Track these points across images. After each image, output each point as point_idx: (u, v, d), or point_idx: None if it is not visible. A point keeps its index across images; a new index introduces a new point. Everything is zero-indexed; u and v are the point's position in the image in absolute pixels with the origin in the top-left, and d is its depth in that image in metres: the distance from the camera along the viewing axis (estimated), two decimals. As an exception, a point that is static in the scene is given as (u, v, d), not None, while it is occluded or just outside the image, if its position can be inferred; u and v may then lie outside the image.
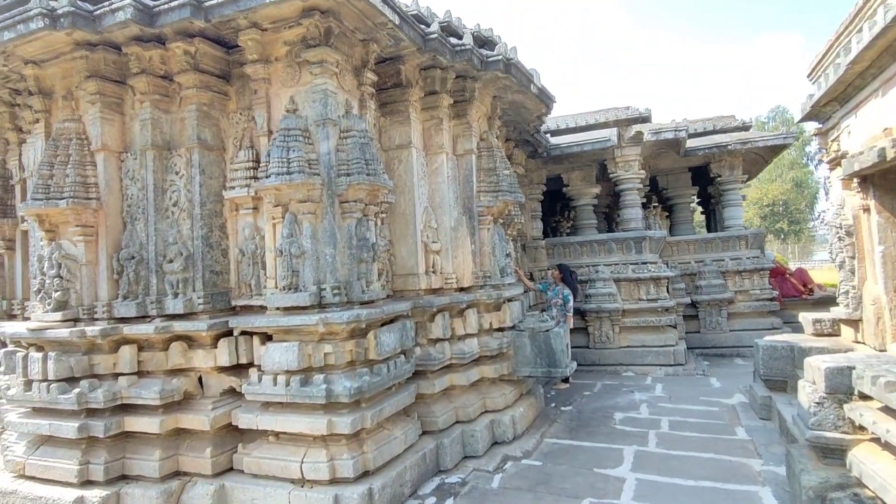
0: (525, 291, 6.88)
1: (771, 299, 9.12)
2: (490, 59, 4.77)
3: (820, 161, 6.22)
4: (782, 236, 36.80)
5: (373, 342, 3.83)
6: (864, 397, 3.26)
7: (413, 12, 4.54)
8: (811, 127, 6.34)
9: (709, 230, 12.93)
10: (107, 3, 3.55)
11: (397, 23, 3.85)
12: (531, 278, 8.79)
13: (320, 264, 3.79)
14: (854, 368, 3.31)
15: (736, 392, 6.42)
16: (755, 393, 5.61)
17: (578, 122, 8.84)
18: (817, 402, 3.47)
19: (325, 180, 3.80)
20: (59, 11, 3.47)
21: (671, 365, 7.82)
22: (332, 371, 3.70)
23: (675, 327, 8.28)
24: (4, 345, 5.14)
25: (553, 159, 8.79)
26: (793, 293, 9.74)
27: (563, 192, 9.57)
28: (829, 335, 5.59)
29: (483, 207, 5.26)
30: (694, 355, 8.66)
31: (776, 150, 9.67)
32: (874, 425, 3.02)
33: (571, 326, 7.08)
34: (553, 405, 6.21)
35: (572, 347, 6.74)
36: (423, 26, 4.29)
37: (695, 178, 10.42)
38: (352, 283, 3.86)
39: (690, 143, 9.28)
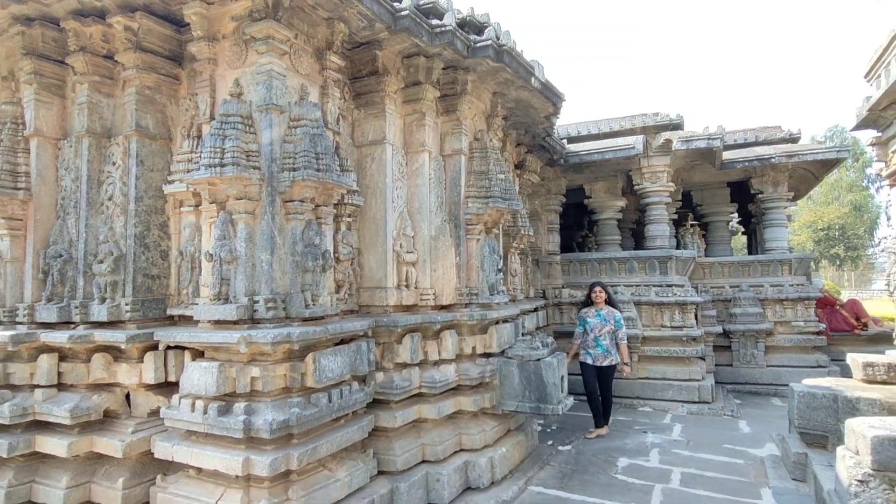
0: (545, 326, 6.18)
1: (817, 333, 8.06)
2: (478, 44, 4.16)
3: (878, 175, 5.30)
4: (838, 262, 34.48)
5: (311, 367, 3.24)
6: (925, 480, 2.46)
7: (390, -9, 4.00)
8: (869, 141, 5.43)
9: (750, 252, 11.85)
10: (25, -35, 3.15)
11: (356, -5, 3.30)
12: (544, 295, 8.08)
13: (255, 272, 3.25)
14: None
15: (768, 441, 5.52)
16: (788, 447, 4.72)
17: (602, 128, 8.09)
18: (860, 481, 2.67)
19: (265, 175, 3.27)
20: (-31, -26, 3.09)
21: (695, 402, 6.92)
22: (259, 399, 3.14)
23: (702, 359, 7.37)
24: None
25: (573, 168, 8.06)
26: (843, 327, 8.61)
27: (585, 203, 8.82)
28: (884, 383, 4.67)
29: (471, 215, 4.62)
30: (724, 391, 7.72)
31: (828, 165, 8.63)
32: (938, 523, 2.23)
33: (627, 361, 6.05)
34: (550, 443, 5.47)
35: (580, 376, 6.00)
36: (395, 3, 3.72)
37: (734, 194, 9.45)
38: (293, 295, 3.30)
39: (729, 155, 8.38)
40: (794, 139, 8.43)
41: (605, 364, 5.87)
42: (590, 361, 5.91)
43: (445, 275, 4.51)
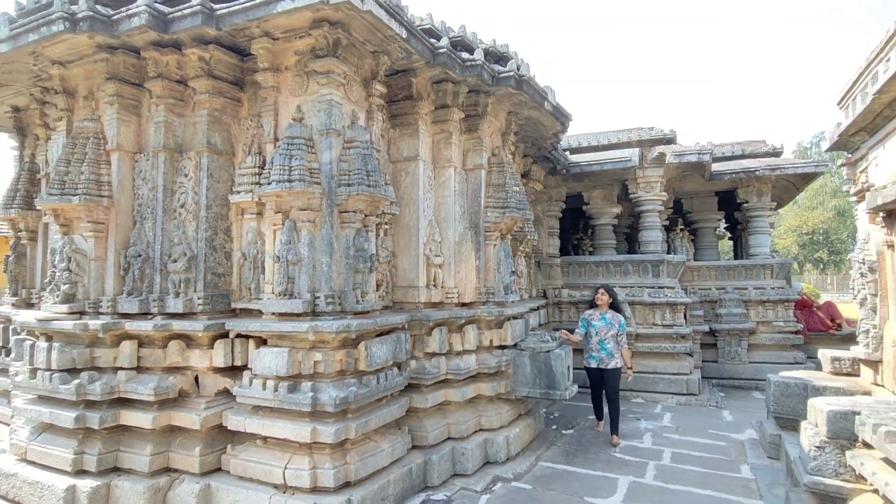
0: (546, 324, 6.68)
1: (795, 332, 8.77)
2: (502, 75, 4.76)
3: (848, 192, 5.99)
4: (821, 266, 35.48)
5: (363, 353, 3.83)
6: (867, 445, 3.09)
7: (426, 26, 4.59)
8: (841, 161, 6.09)
9: (736, 257, 12.55)
10: (124, 8, 3.68)
11: (404, 36, 3.88)
12: (545, 295, 8.69)
13: (316, 272, 3.81)
14: (858, 414, 3.14)
15: (748, 427, 6.17)
16: (765, 430, 5.37)
17: (601, 140, 8.72)
18: (818, 447, 3.30)
19: (325, 189, 3.83)
20: (79, 15, 3.61)
21: (683, 394, 7.58)
22: (320, 379, 3.71)
23: (690, 355, 8.04)
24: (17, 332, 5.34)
25: (573, 177, 8.68)
26: (819, 327, 9.34)
27: (583, 210, 9.45)
28: (848, 375, 5.35)
29: (490, 223, 5.22)
30: (709, 385, 8.39)
31: (808, 177, 9.35)
32: (874, 476, 2.86)
33: (630, 365, 5.97)
34: (554, 427, 6.09)
35: (582, 370, 6.58)
36: (433, 40, 4.30)
37: (722, 202, 10.14)
38: (346, 292, 3.88)
39: (717, 167, 9.05)
40: (776, 153, 9.11)
41: (609, 367, 5.77)
42: (594, 365, 5.84)
43: (467, 276, 5.10)
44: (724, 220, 11.83)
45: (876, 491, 2.93)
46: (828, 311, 9.64)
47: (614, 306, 6.08)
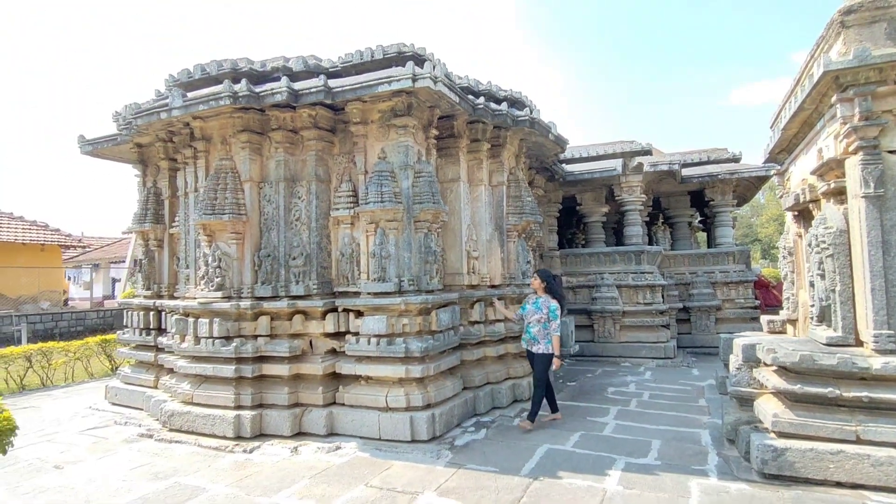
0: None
1: (754, 307, 10.63)
2: (519, 119, 6.51)
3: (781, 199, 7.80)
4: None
5: (434, 318, 5.57)
6: (766, 365, 4.87)
7: (464, 84, 6.31)
8: (774, 171, 7.90)
9: (709, 246, 14.43)
10: (269, 88, 5.38)
11: (457, 101, 5.62)
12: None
13: (400, 263, 5.54)
14: (759, 345, 4.92)
15: (709, 379, 8.00)
16: (718, 375, 7.17)
17: (590, 152, 10.49)
18: (737, 368, 5.09)
19: (405, 206, 5.56)
20: (240, 94, 5.30)
21: (661, 358, 9.41)
22: (407, 336, 5.44)
23: (667, 327, 9.86)
24: (158, 315, 7.02)
25: (569, 183, 10.47)
26: (774, 303, 11.23)
27: (577, 209, 11.23)
28: (779, 333, 7.16)
29: (510, 226, 6.98)
30: (684, 352, 10.23)
31: (763, 179, 11.21)
32: (766, 380, 4.64)
33: (558, 353, 5.59)
34: (561, 380, 7.88)
35: (579, 342, 8.37)
36: (471, 97, 6.04)
37: (694, 200, 11.99)
38: (421, 277, 5.62)
39: (687, 172, 10.88)
40: (736, 159, 10.95)
41: (533, 350, 5.69)
42: (524, 346, 5.91)
43: (495, 265, 6.86)
44: (698, 215, 13.69)
45: (770, 393, 4.71)
46: (782, 290, 11.51)
47: (553, 292, 5.77)
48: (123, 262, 24.71)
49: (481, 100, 6.02)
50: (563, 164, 10.23)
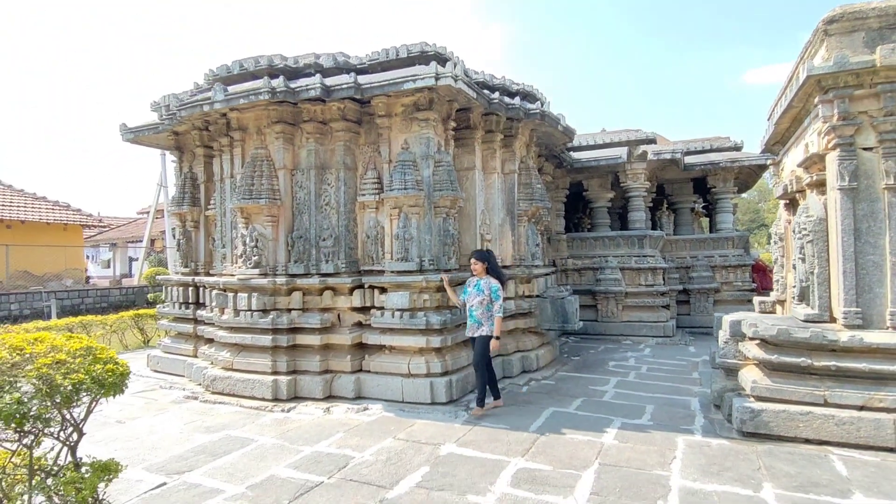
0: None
1: (751, 290, 11.15)
2: (531, 111, 7.00)
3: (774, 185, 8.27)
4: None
5: (451, 294, 6.14)
6: (750, 339, 5.42)
7: (479, 80, 6.79)
8: (770, 161, 8.36)
9: (711, 231, 14.91)
10: (304, 84, 5.89)
11: (475, 97, 6.12)
12: (553, 264, 11.01)
13: (421, 245, 6.10)
14: (744, 320, 5.47)
15: (705, 355, 8.57)
16: (712, 352, 7.74)
17: (597, 140, 10.96)
18: (725, 342, 5.65)
19: (426, 193, 6.10)
20: (278, 90, 5.83)
21: (661, 336, 9.98)
22: (427, 311, 6.03)
23: (667, 308, 10.42)
24: (196, 290, 7.64)
25: (576, 170, 10.95)
26: (770, 286, 11.70)
27: (584, 195, 11.72)
28: (769, 312, 7.70)
29: (521, 211, 7.51)
30: (683, 332, 10.79)
31: (764, 167, 11.62)
32: (748, 351, 5.20)
33: (497, 335, 5.42)
34: (566, 355, 8.48)
35: (584, 321, 8.93)
36: (486, 91, 6.53)
37: (697, 187, 12.44)
38: (439, 257, 6.18)
39: (689, 160, 11.32)
40: (738, 148, 11.38)
41: (475, 335, 5.55)
42: (467, 334, 5.69)
43: (507, 247, 7.41)
44: (701, 201, 14.15)
45: (753, 363, 5.27)
46: (779, 274, 12.01)
47: (494, 271, 5.68)
48: (140, 241, 25.46)
49: (496, 94, 6.51)
50: (571, 152, 10.70)
